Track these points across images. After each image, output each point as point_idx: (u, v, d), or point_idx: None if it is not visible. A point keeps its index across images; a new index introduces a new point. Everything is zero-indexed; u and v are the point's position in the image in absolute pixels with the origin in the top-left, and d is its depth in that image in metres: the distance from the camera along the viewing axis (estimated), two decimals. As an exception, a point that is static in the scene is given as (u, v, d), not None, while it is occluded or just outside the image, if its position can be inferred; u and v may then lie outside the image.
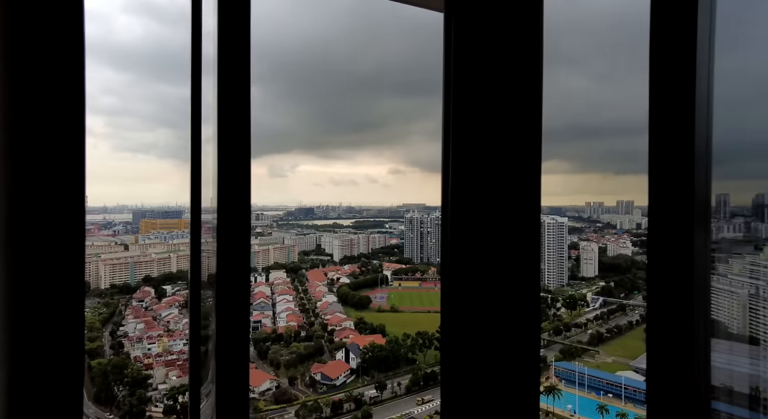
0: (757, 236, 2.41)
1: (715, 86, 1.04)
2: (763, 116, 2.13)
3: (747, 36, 1.87)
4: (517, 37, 1.02)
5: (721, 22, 1.13)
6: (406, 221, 68.58)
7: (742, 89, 2.02)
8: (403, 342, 46.12)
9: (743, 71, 1.92)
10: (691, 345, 0.91)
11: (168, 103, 75.40)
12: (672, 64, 0.97)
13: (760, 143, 2.12)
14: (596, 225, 73.25)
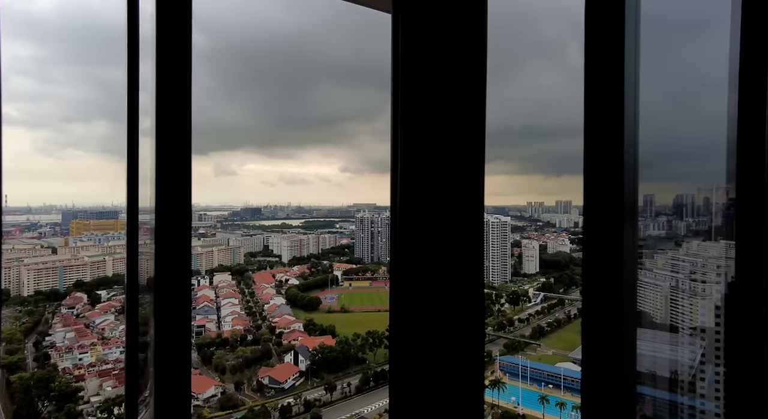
0: (677, 234, 2.63)
1: (640, 95, 1.13)
2: (681, 123, 2.33)
3: (667, 47, 2.04)
4: (462, 39, 1.05)
5: (645, 34, 1.23)
6: (356, 220, 68.55)
7: (664, 98, 2.20)
8: (354, 342, 46.06)
9: (665, 82, 2.09)
10: (620, 335, 0.97)
11: (104, 89, 69.59)
12: (603, 75, 1.04)
13: (680, 148, 2.31)
14: (537, 224, 76.95)
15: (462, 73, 1.08)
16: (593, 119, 1.07)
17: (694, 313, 2.76)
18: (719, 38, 1.98)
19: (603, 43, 1.06)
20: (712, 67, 2.06)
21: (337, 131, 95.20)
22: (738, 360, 1.79)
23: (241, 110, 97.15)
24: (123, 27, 1.93)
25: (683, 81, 2.31)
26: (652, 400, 2.34)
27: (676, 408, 2.47)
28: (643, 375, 2.04)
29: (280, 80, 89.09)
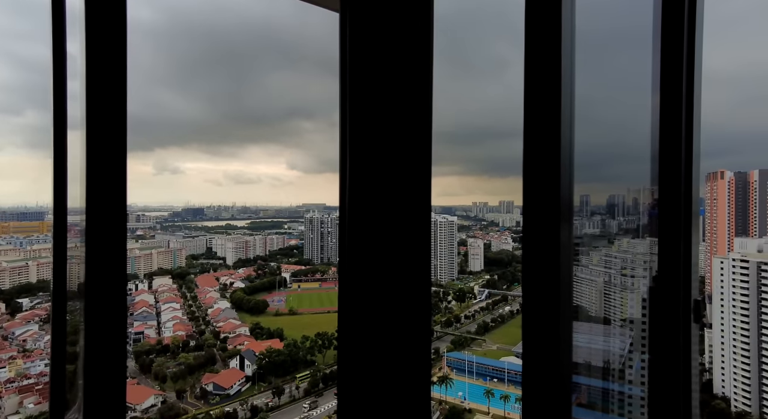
0: (610, 232, 2.81)
1: (576, 102, 1.20)
2: (613, 129, 2.50)
3: (599, 58, 2.18)
4: (409, 39, 1.06)
5: (580, 46, 1.30)
6: (306, 221, 67.52)
7: (597, 106, 2.35)
8: (302, 345, 45.34)
9: (597, 91, 2.24)
10: (557, 329, 1.03)
11: (31, 71, 62.25)
12: (541, 83, 1.09)
13: (612, 151, 2.47)
14: (482, 223, 79.68)
15: (409, 74, 1.09)
16: (532, 123, 1.12)
17: (624, 306, 2.97)
18: (644, 52, 2.15)
19: (541, 54, 1.12)
20: (638, 76, 2.23)
21: (286, 129, 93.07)
22: (659, 348, 1.95)
23: (190, 99, 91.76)
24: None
25: (613, 90, 2.48)
26: (587, 389, 2.49)
27: (608, 394, 2.64)
28: (579, 365, 2.17)
29: (234, 68, 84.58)
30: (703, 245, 51.68)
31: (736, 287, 40.97)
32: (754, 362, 38.93)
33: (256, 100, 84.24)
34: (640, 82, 2.19)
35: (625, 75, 2.45)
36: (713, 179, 55.14)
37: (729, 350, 41.04)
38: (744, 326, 40.06)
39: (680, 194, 1.85)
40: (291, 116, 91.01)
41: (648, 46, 2.08)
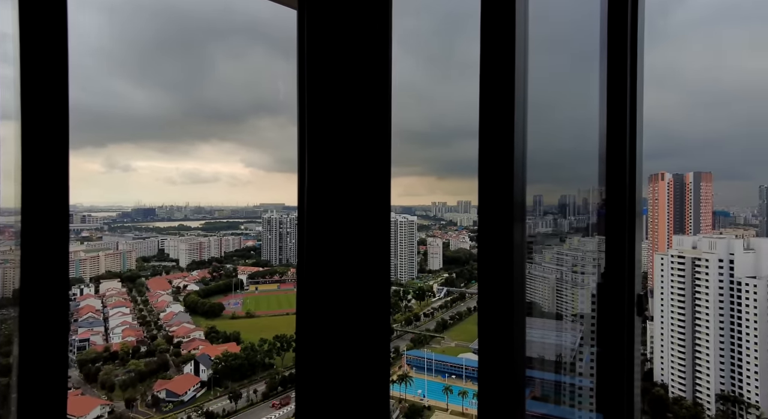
0: (562, 230, 2.93)
1: (529, 108, 1.24)
2: (566, 133, 2.60)
3: (551, 68, 2.26)
4: (368, 38, 1.06)
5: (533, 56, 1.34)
6: (263, 221, 66.05)
7: (549, 112, 2.44)
8: (260, 348, 44.39)
9: (548, 99, 2.32)
10: (511, 325, 1.06)
11: None
12: (496, 88, 1.13)
13: (565, 154, 2.58)
14: (441, 223, 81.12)
15: (368, 73, 1.09)
16: (487, 126, 1.15)
17: (575, 301, 3.10)
18: (593, 61, 2.26)
19: (496, 59, 1.15)
20: (587, 84, 2.34)
21: (245, 126, 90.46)
22: (606, 340, 2.05)
23: (146, 90, 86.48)
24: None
25: (564, 96, 2.59)
26: (541, 382, 2.58)
27: (560, 387, 2.75)
28: (533, 360, 2.25)
29: (196, 56, 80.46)
30: (646, 242, 55.04)
31: (674, 282, 43.87)
32: (689, 351, 41.85)
33: (214, 94, 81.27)
34: (588, 90, 2.30)
35: (575, 82, 2.56)
36: (655, 181, 58.79)
37: (668, 340, 43.87)
38: (681, 317, 42.96)
39: (625, 195, 1.96)
40: (249, 112, 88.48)
41: (596, 55, 2.19)
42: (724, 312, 39.66)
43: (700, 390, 40.50)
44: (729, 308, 39.45)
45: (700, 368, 40.86)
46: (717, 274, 40.28)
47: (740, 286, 38.97)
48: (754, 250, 40.49)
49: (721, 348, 39.47)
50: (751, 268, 39.70)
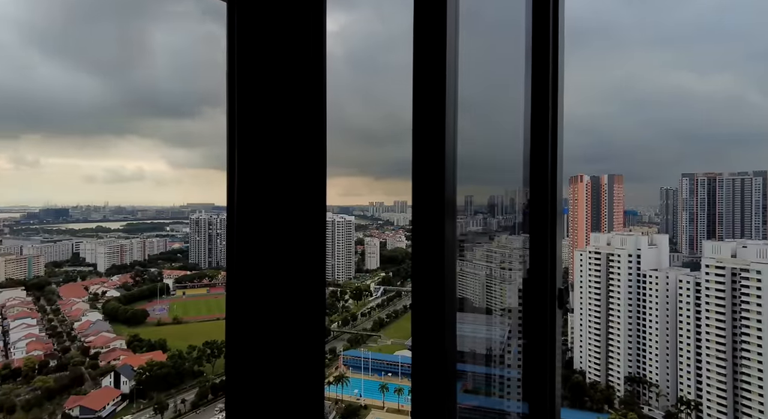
0: (491, 229, 3.06)
1: (459, 111, 1.29)
2: (491, 138, 2.72)
3: (479, 74, 2.36)
4: (303, 34, 1.04)
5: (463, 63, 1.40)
6: (191, 222, 62.61)
7: (482, 118, 2.55)
8: (189, 355, 42.08)
9: (479, 104, 2.43)
10: (442, 320, 1.09)
11: None
12: (428, 92, 1.16)
13: (494, 155, 2.69)
14: (378, 222, 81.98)
15: (302, 70, 1.07)
16: (419, 129, 1.18)
17: (504, 296, 3.25)
18: (519, 70, 2.39)
19: (427, 60, 1.18)
20: (516, 94, 2.47)
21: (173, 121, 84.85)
22: (531, 333, 2.18)
23: (70, 71, 76.85)
24: None
25: (494, 103, 2.72)
26: (473, 375, 2.68)
27: (490, 379, 2.87)
28: (465, 354, 2.33)
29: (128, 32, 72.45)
30: (567, 240, 59.38)
31: (591, 276, 47.73)
32: (603, 339, 45.74)
33: (143, 86, 75.41)
34: (516, 98, 2.44)
35: (504, 90, 2.70)
36: (575, 182, 63.60)
37: (585, 330, 47.63)
38: (597, 309, 46.84)
39: (547, 196, 2.10)
40: (181, 105, 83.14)
41: (522, 65, 2.33)
42: (632, 303, 43.84)
43: (612, 374, 44.41)
44: (636, 299, 43.69)
45: (612, 354, 44.81)
46: (627, 268, 44.43)
47: (645, 278, 43.30)
48: (657, 245, 45.19)
49: (629, 335, 43.55)
50: (654, 261, 44.28)
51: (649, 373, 41.82)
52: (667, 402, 39.66)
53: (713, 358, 37.21)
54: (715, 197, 55.83)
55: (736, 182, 55.14)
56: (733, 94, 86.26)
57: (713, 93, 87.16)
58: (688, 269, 43.10)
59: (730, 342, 36.45)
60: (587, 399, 42.46)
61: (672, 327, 40.75)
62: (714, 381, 36.89)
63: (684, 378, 39.13)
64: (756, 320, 35.16)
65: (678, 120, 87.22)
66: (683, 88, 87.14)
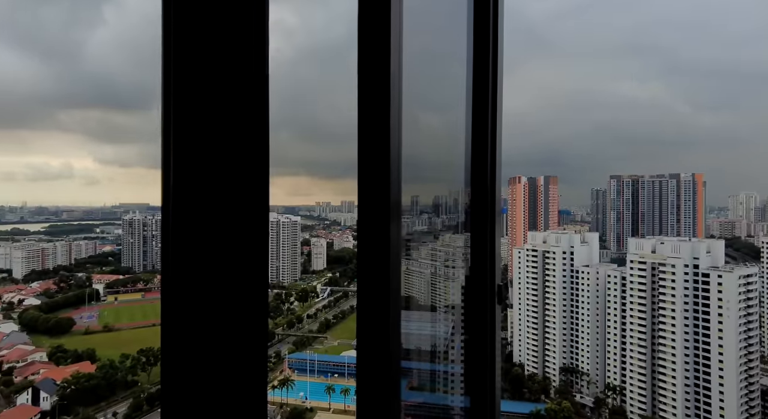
0: (436, 228, 3.12)
1: (405, 116, 1.31)
2: (435, 139, 2.78)
3: (424, 75, 2.41)
4: (245, 28, 1.01)
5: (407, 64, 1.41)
6: (124, 223, 58.59)
7: (423, 120, 2.60)
8: (121, 365, 39.39)
9: (422, 107, 2.47)
10: (387, 318, 1.10)
11: None
12: (373, 93, 1.16)
13: (438, 157, 2.75)
14: (325, 222, 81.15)
15: (244, 66, 1.04)
16: (365, 130, 1.18)
17: (448, 293, 3.33)
18: (462, 74, 2.46)
19: (373, 63, 1.19)
20: (458, 98, 2.54)
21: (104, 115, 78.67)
22: (472, 328, 2.26)
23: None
24: None
25: (438, 107, 2.78)
26: (418, 372, 2.72)
27: (435, 375, 2.93)
28: (411, 351, 2.36)
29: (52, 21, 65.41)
30: (506, 238, 62.04)
31: (529, 273, 50.20)
32: (540, 333, 48.26)
33: (68, 75, 69.16)
34: (458, 102, 2.51)
35: (448, 94, 2.77)
36: (513, 183, 66.60)
37: (524, 324, 50.01)
38: (534, 304, 49.34)
39: (487, 196, 2.18)
40: (116, 99, 77.14)
41: (464, 67, 2.40)
42: (566, 297, 46.61)
43: (548, 365, 46.97)
44: (570, 294, 46.51)
45: (548, 346, 47.40)
46: (561, 264, 47.17)
47: (578, 274, 46.22)
48: (588, 243, 48.37)
49: (563, 328, 46.27)
50: (586, 258, 47.36)
51: (581, 363, 44.67)
52: (596, 389, 42.55)
53: (635, 346, 40.44)
54: (638, 198, 60.62)
55: (655, 183, 60.19)
56: (660, 103, 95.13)
57: (641, 101, 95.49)
58: (615, 265, 46.55)
59: (649, 330, 39.78)
60: (526, 390, 44.61)
61: (601, 319, 43.80)
62: (636, 366, 40.11)
63: (611, 366, 42.18)
64: (671, 309, 38.65)
65: (609, 126, 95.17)
66: (617, 96, 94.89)
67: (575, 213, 72.68)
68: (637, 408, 39.66)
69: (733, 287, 36.46)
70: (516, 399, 43.20)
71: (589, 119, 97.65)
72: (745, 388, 35.86)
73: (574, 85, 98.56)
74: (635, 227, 60.21)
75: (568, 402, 40.06)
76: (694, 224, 57.44)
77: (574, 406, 39.96)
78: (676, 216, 58.18)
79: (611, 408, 40.67)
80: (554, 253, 48.87)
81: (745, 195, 65.71)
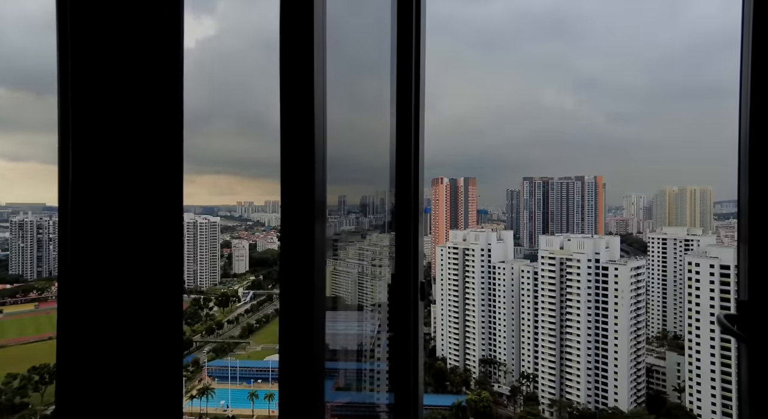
0: (363, 228, 3.14)
1: (329, 111, 1.30)
2: (363, 140, 2.80)
3: (348, 78, 2.41)
4: (157, 17, 0.93)
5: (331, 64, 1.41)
6: (13, 226, 51.72)
7: (350, 121, 2.60)
8: (7, 386, 34.75)
9: (349, 108, 2.48)
10: (311, 320, 1.09)
11: None
12: (297, 93, 1.14)
13: (362, 159, 2.76)
14: (247, 223, 77.79)
15: (155, 50, 0.97)
16: (288, 129, 1.16)
17: (375, 292, 3.35)
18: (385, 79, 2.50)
19: (295, 63, 1.17)
20: (383, 99, 2.58)
21: (-16, 103, 68.75)
22: (397, 325, 2.30)
23: None
24: None
25: (364, 107, 2.80)
26: (345, 372, 2.71)
27: (362, 374, 2.95)
28: (338, 352, 2.35)
29: None
30: (429, 236, 64.08)
31: (450, 269, 52.31)
32: (461, 327, 50.51)
33: None
34: (384, 103, 2.55)
35: (374, 94, 2.79)
36: (436, 184, 68.98)
37: (447, 320, 52.01)
38: (455, 299, 51.48)
39: (410, 196, 2.24)
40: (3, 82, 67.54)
41: (388, 71, 2.44)
42: (484, 292, 49.23)
43: (469, 358, 49.29)
44: (488, 289, 49.20)
45: (469, 339, 49.73)
46: (480, 261, 49.73)
47: (495, 270, 49.04)
48: (503, 240, 51.52)
49: (482, 321, 48.83)
50: (502, 255, 50.42)
51: (499, 354, 47.48)
52: (512, 378, 45.45)
53: (546, 336, 43.88)
54: (548, 198, 65.72)
55: (563, 185, 65.65)
56: (569, 110, 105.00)
57: (560, 111, 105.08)
58: (528, 261, 50.06)
59: (558, 320, 43.38)
60: (448, 383, 46.43)
61: (516, 312, 46.91)
62: (547, 354, 43.53)
63: (525, 355, 45.33)
64: (576, 301, 42.49)
65: (524, 131, 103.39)
66: (532, 104, 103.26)
67: (492, 213, 77.07)
68: (547, 393, 43.08)
69: (626, 278, 40.99)
70: (439, 393, 44.83)
71: (515, 125, 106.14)
72: (634, 367, 40.48)
73: (507, 94, 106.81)
74: (545, 225, 65.21)
75: (487, 392, 42.38)
76: (595, 222, 63.54)
77: (492, 396, 42.39)
78: (580, 215, 63.94)
79: (525, 395, 43.72)
80: (473, 250, 51.45)
81: (635, 196, 74.14)
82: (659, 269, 48.49)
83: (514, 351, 46.46)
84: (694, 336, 37.32)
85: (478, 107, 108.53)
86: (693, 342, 37.39)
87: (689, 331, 37.93)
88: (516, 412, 41.94)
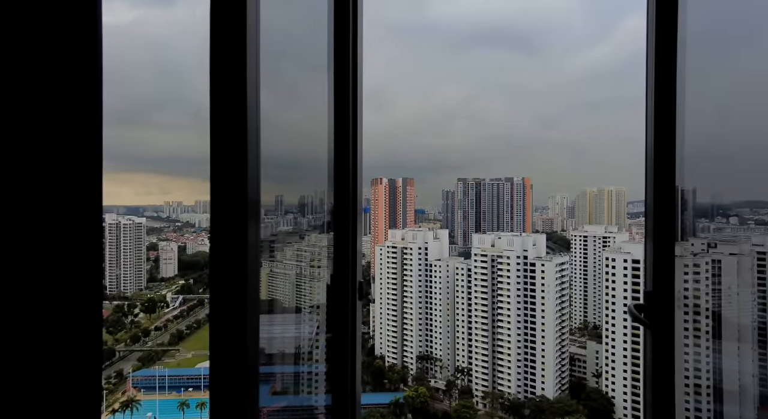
0: (302, 228, 3.09)
1: (269, 116, 1.26)
2: (301, 140, 2.76)
3: (285, 75, 2.37)
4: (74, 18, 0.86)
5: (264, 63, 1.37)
6: None
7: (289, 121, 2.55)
8: None
9: (287, 107, 2.43)
10: (244, 324, 1.05)
11: None
12: (228, 90, 1.10)
13: (301, 158, 2.72)
14: (176, 224, 73.43)
15: (71, 37, 0.89)
16: (217, 128, 1.12)
17: (313, 293, 3.31)
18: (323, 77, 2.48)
19: (225, 60, 1.13)
20: (321, 98, 2.55)
21: None
22: (335, 325, 2.30)
23: None
24: None
25: (302, 107, 2.75)
26: (282, 376, 2.66)
27: (299, 377, 2.90)
28: (274, 355, 2.29)
29: None
30: (369, 236, 64.53)
31: (389, 268, 53.00)
32: (399, 325, 51.33)
33: None
34: (321, 102, 2.52)
35: (311, 93, 2.76)
36: (376, 184, 69.61)
37: (385, 318, 52.60)
38: (394, 298, 52.24)
39: (349, 196, 2.24)
40: None
41: (324, 71, 2.43)
42: (421, 289, 50.41)
43: (407, 355, 50.22)
44: (425, 286, 50.44)
45: (406, 337, 50.66)
46: (417, 259, 50.86)
47: (431, 267, 50.40)
48: (440, 239, 53.10)
49: (420, 319, 49.98)
50: (438, 253, 51.93)
51: (435, 350, 48.81)
52: (448, 373, 46.91)
53: (479, 330, 45.79)
54: (480, 198, 68.56)
55: (494, 186, 68.83)
56: (506, 116, 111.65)
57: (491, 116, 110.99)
58: (462, 258, 51.92)
59: (490, 314, 45.43)
60: (386, 381, 46.95)
61: (451, 308, 48.48)
62: (480, 349, 45.44)
63: (460, 350, 46.98)
64: (506, 296, 44.77)
65: (463, 134, 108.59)
66: (470, 110, 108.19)
67: (429, 212, 79.08)
68: (481, 386, 44.92)
69: (551, 274, 43.78)
70: (377, 391, 45.16)
71: (453, 127, 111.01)
72: (559, 357, 43.36)
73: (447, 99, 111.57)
74: (478, 224, 67.96)
75: (424, 387, 43.37)
76: (524, 221, 67.22)
77: (429, 391, 43.46)
78: (510, 214, 67.35)
79: (460, 388, 45.27)
80: (411, 249, 52.43)
81: (560, 196, 79.46)
82: (581, 265, 52.40)
83: (449, 346, 47.99)
84: (610, 325, 40.77)
85: (419, 109, 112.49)
86: (609, 331, 40.83)
87: (606, 321, 41.37)
88: (451, 406, 43.31)
